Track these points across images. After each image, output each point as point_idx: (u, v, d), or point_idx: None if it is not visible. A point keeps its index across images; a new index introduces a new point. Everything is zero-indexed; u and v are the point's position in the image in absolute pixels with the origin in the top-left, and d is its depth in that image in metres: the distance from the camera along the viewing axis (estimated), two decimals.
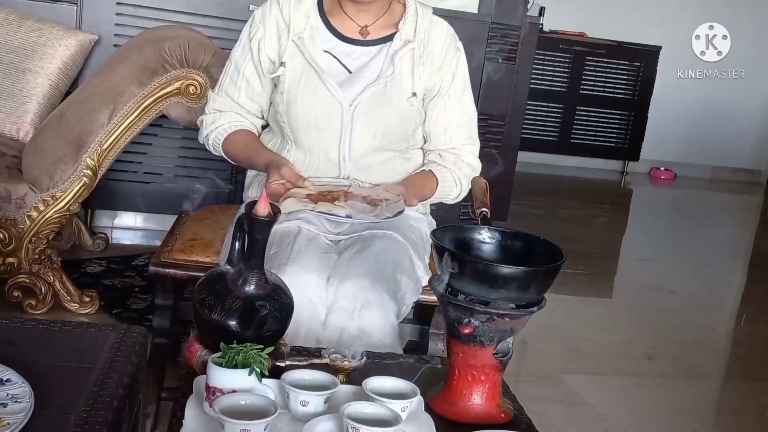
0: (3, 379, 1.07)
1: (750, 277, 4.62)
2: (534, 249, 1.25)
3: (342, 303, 1.52)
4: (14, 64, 2.65)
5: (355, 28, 1.77)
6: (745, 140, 7.35)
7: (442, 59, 1.79)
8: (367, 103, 1.72)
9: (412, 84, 1.76)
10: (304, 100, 1.73)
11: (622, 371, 2.86)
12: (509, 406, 1.23)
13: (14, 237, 2.34)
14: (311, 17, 1.76)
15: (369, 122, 1.73)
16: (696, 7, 6.50)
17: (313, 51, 1.74)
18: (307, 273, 1.53)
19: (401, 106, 1.75)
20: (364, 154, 1.75)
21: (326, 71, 1.73)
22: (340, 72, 1.75)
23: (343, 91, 1.72)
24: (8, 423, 0.97)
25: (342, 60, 1.75)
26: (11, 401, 1.02)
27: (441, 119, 1.82)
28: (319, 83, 1.72)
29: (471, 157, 1.86)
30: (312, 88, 1.72)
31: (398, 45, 1.76)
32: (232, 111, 1.81)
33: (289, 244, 1.60)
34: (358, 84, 1.74)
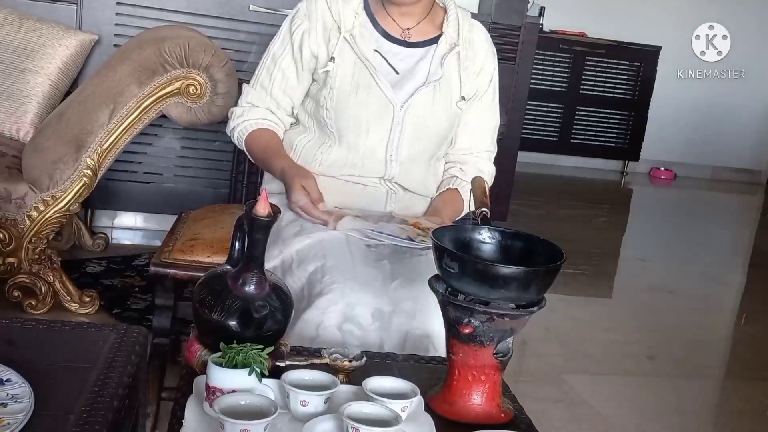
0: (3, 379, 1.06)
1: (750, 277, 4.62)
2: (534, 249, 1.25)
3: (404, 306, 1.48)
4: (14, 64, 2.65)
5: (398, 30, 1.77)
6: (745, 140, 7.36)
7: (482, 63, 1.81)
8: (418, 106, 1.73)
9: (460, 88, 1.77)
10: (357, 98, 1.72)
11: (622, 371, 2.86)
12: (509, 406, 1.23)
13: (14, 237, 2.34)
14: (359, 15, 1.76)
15: (419, 125, 1.74)
16: (696, 7, 6.51)
17: (364, 48, 1.73)
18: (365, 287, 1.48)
19: (451, 109, 1.77)
20: (411, 156, 1.76)
21: (378, 70, 1.72)
22: (388, 72, 1.75)
23: (395, 91, 1.73)
24: (8, 423, 0.97)
25: (390, 60, 1.75)
26: (11, 401, 1.02)
27: (471, 123, 1.84)
28: (371, 82, 1.72)
29: (488, 165, 1.89)
30: (365, 86, 1.72)
31: (444, 48, 1.77)
32: (263, 106, 1.81)
33: (344, 254, 1.55)
34: (409, 85, 1.74)
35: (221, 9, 3.12)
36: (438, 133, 1.79)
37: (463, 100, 1.77)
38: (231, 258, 1.22)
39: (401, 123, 1.73)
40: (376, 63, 1.73)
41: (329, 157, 1.76)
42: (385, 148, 1.74)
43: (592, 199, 6.31)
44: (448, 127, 1.79)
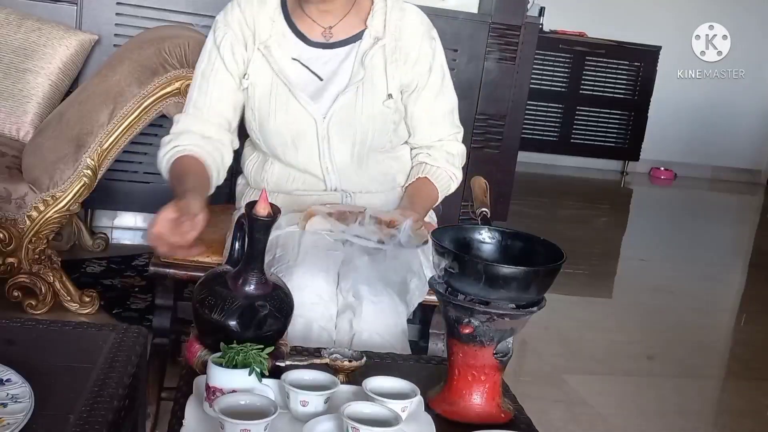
0: (3, 379, 1.06)
1: (750, 277, 4.62)
2: (534, 249, 1.25)
3: (353, 307, 1.51)
4: (14, 64, 2.65)
5: (319, 29, 1.67)
6: (745, 140, 7.36)
7: (418, 52, 1.69)
8: (341, 114, 1.64)
9: (386, 85, 1.66)
10: (277, 117, 1.65)
11: (622, 371, 2.86)
12: (509, 406, 1.23)
13: (14, 237, 2.34)
14: (276, 21, 1.65)
15: (346, 133, 1.66)
16: (696, 7, 6.50)
17: (281, 60, 1.64)
18: (317, 273, 1.52)
19: (377, 110, 1.67)
20: (348, 164, 1.70)
21: (296, 83, 1.63)
22: (310, 81, 1.65)
23: (315, 102, 1.64)
24: (8, 423, 0.97)
25: (311, 67, 1.65)
26: (11, 401, 1.02)
27: (425, 114, 1.74)
28: (290, 97, 1.63)
29: (457, 145, 1.80)
30: (283, 104, 1.64)
31: (368, 44, 1.66)
32: (196, 130, 1.64)
33: (294, 245, 1.59)
34: (329, 93, 1.65)
35: (221, 9, 3.12)
36: (372, 136, 1.68)
37: (391, 99, 1.66)
38: (231, 258, 1.23)
39: (327, 135, 1.65)
40: (294, 74, 1.64)
41: (273, 175, 1.72)
42: (319, 163, 1.68)
43: (592, 199, 6.31)
44: (381, 127, 1.69)
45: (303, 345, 1.38)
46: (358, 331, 1.50)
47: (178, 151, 1.61)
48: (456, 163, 1.80)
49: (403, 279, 1.58)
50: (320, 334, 1.48)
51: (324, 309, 1.50)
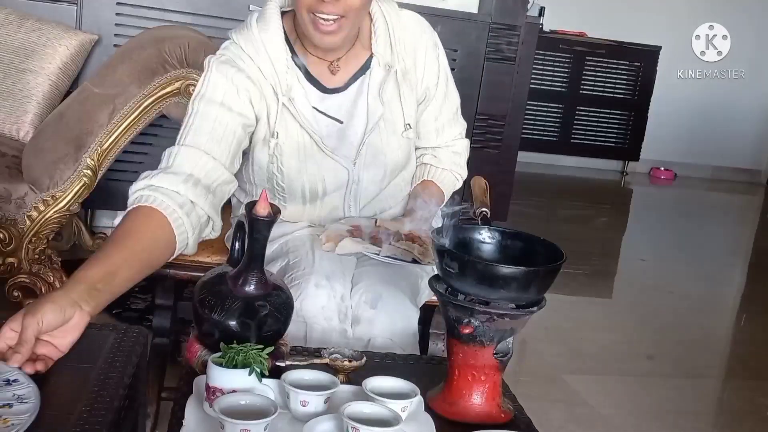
0: (10, 379, 1.06)
1: (750, 277, 4.62)
2: (534, 249, 1.25)
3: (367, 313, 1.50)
4: (14, 64, 2.65)
5: (325, 64, 1.60)
6: (745, 140, 7.36)
7: (424, 66, 1.66)
8: (369, 156, 1.62)
9: (402, 115, 1.64)
10: (308, 173, 1.60)
11: (622, 371, 2.86)
12: (509, 406, 1.23)
13: (14, 237, 2.34)
14: (291, 68, 1.55)
15: (374, 171, 1.65)
16: (696, 7, 6.51)
17: (305, 112, 1.56)
18: (334, 279, 1.51)
19: (399, 142, 1.65)
20: (372, 197, 1.69)
21: (321, 134, 1.58)
22: (330, 125, 1.60)
23: (343, 149, 1.60)
24: (12, 424, 0.96)
25: (329, 112, 1.60)
26: (17, 402, 1.01)
27: (432, 121, 1.75)
28: (320, 154, 1.58)
29: (462, 143, 1.82)
30: (315, 160, 1.58)
31: (379, 75, 1.61)
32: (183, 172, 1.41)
33: (308, 250, 1.58)
34: (353, 138, 1.61)
35: (221, 9, 3.12)
36: (394, 164, 1.67)
37: (410, 128, 1.66)
38: (231, 258, 1.23)
39: (358, 178, 1.64)
40: (317, 123, 1.58)
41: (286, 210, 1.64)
42: (343, 200, 1.67)
43: (592, 199, 6.31)
44: (405, 156, 1.69)
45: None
46: (373, 336, 1.49)
47: (142, 196, 1.38)
48: (461, 162, 1.82)
49: (414, 281, 1.59)
50: (338, 340, 1.48)
51: (342, 316, 1.50)
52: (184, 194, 1.38)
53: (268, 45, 1.54)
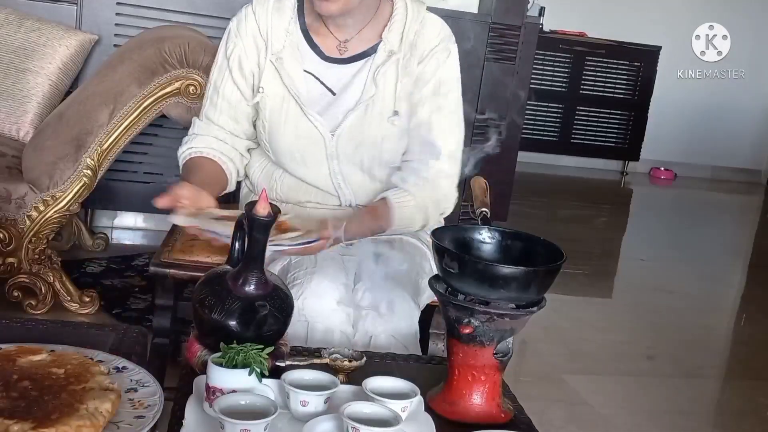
0: (119, 366, 1.14)
1: (750, 277, 4.62)
2: (534, 249, 1.25)
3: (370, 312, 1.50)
4: (14, 64, 2.65)
5: (335, 42, 1.63)
6: (745, 140, 7.36)
7: (426, 62, 1.62)
8: (349, 132, 1.61)
9: (394, 101, 1.61)
10: (286, 132, 1.62)
11: (621, 371, 2.86)
12: (509, 406, 1.23)
13: (14, 237, 2.34)
14: (291, 32, 1.62)
15: (354, 151, 1.62)
16: (696, 7, 6.51)
17: (293, 73, 1.60)
18: (336, 279, 1.52)
19: (384, 127, 1.61)
20: (360, 180, 1.66)
21: (307, 97, 1.60)
22: (322, 94, 1.62)
23: (325, 118, 1.61)
24: (149, 405, 1.06)
25: (324, 80, 1.62)
26: (139, 386, 1.10)
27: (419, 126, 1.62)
28: (299, 113, 1.61)
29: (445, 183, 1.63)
30: (293, 119, 1.61)
31: (381, 58, 1.60)
32: (209, 135, 1.67)
33: None
34: (340, 109, 1.61)
35: (221, 9, 3.12)
36: (379, 154, 1.63)
37: (396, 115, 1.60)
38: (231, 258, 1.22)
39: (336, 153, 1.62)
40: (305, 88, 1.61)
41: (284, 185, 1.69)
42: (330, 179, 1.65)
43: (592, 199, 6.31)
44: (390, 145, 1.63)
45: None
46: (375, 335, 1.49)
47: (191, 152, 1.66)
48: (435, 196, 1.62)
49: (415, 281, 1.59)
50: (341, 340, 1.48)
51: (344, 315, 1.50)
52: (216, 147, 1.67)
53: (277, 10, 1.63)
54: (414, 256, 1.65)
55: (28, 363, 1.09)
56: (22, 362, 1.09)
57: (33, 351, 1.13)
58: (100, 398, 1.01)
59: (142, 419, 1.02)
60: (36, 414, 0.96)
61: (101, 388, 1.04)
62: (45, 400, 1.00)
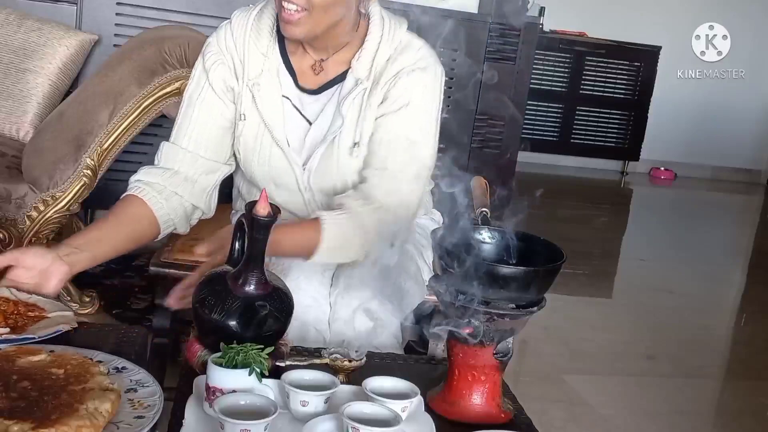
0: (119, 367, 1.15)
1: (750, 277, 4.62)
2: (534, 249, 1.25)
3: (343, 313, 1.51)
4: (14, 64, 2.65)
5: (310, 61, 1.58)
6: (745, 140, 7.35)
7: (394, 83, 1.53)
8: (319, 165, 1.56)
9: (354, 132, 1.53)
10: (260, 161, 1.59)
11: (621, 371, 2.86)
12: (509, 406, 1.23)
13: (14, 237, 2.34)
14: (269, 56, 1.56)
15: (325, 184, 1.58)
16: (696, 7, 6.51)
17: (269, 101, 1.55)
18: (312, 275, 1.52)
19: (347, 161, 1.55)
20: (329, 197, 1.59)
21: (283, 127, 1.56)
22: (298, 124, 1.58)
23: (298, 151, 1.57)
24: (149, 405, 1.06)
25: (301, 109, 1.58)
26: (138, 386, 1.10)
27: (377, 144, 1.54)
28: (273, 143, 1.57)
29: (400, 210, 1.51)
30: (267, 149, 1.58)
31: (348, 87, 1.54)
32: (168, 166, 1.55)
33: None
34: (310, 142, 1.57)
35: (221, 9, 3.12)
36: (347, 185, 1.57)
37: (357, 146, 1.53)
38: (231, 258, 1.23)
39: (308, 184, 1.59)
40: (284, 115, 1.56)
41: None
42: (305, 208, 1.61)
43: (592, 199, 6.31)
44: (355, 177, 1.56)
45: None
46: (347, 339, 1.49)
47: (133, 188, 1.52)
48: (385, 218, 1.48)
49: (397, 284, 1.58)
50: (316, 336, 1.48)
51: (319, 312, 1.51)
52: (163, 185, 1.53)
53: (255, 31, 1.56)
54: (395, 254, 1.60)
55: (27, 363, 1.09)
56: (22, 362, 1.09)
57: (32, 351, 1.13)
58: (99, 398, 1.01)
59: (142, 419, 1.02)
60: (36, 414, 0.96)
61: (101, 388, 1.04)
62: (45, 400, 1.00)
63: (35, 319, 1.28)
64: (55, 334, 1.23)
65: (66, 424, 0.95)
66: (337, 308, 1.52)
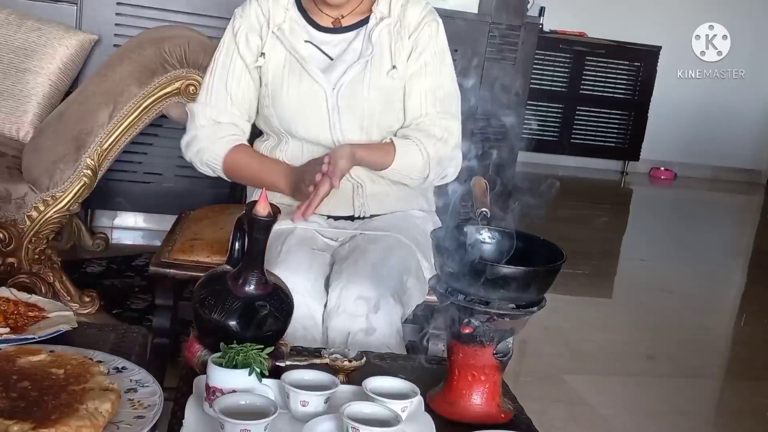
0: (119, 367, 1.15)
1: (750, 277, 4.61)
2: (534, 249, 1.25)
3: (347, 307, 1.51)
4: (14, 64, 2.65)
5: (329, 19, 1.77)
6: (745, 140, 7.35)
7: (419, 30, 1.75)
8: (350, 85, 1.71)
9: (391, 58, 1.73)
10: (290, 90, 1.72)
11: (621, 371, 2.86)
12: (509, 406, 1.23)
13: (14, 237, 2.34)
14: (290, 10, 1.76)
15: (354, 103, 1.71)
16: (696, 7, 6.50)
17: (294, 41, 1.74)
18: (297, 271, 1.53)
19: (382, 81, 1.72)
20: (358, 137, 1.73)
21: (308, 59, 1.72)
22: (321, 60, 1.74)
23: (326, 75, 1.71)
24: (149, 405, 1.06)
25: (323, 48, 1.75)
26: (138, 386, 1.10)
27: (414, 88, 1.75)
28: (302, 71, 1.72)
29: (442, 130, 1.74)
30: (296, 77, 1.72)
31: (373, 23, 1.74)
32: (227, 121, 1.75)
33: (279, 243, 1.60)
34: (340, 67, 1.72)
35: (221, 9, 3.12)
36: (379, 109, 1.73)
37: (395, 69, 1.72)
38: (231, 258, 1.23)
39: (337, 106, 1.71)
40: (307, 53, 1.73)
41: (287, 155, 1.76)
42: (330, 134, 1.72)
43: (592, 199, 6.31)
44: (386, 102, 1.73)
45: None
46: (353, 332, 1.49)
47: (225, 144, 1.73)
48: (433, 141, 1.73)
49: (399, 279, 1.59)
50: (304, 335, 1.48)
51: (306, 309, 1.50)
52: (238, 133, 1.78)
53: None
54: (396, 251, 1.63)
55: (27, 363, 1.09)
56: (22, 363, 1.09)
57: (32, 351, 1.13)
58: (99, 398, 1.01)
59: (142, 419, 1.02)
60: (36, 414, 0.96)
61: (101, 388, 1.04)
62: (45, 400, 1.00)
63: (35, 319, 1.28)
64: (55, 334, 1.23)
65: (66, 424, 0.95)
66: (341, 302, 1.52)
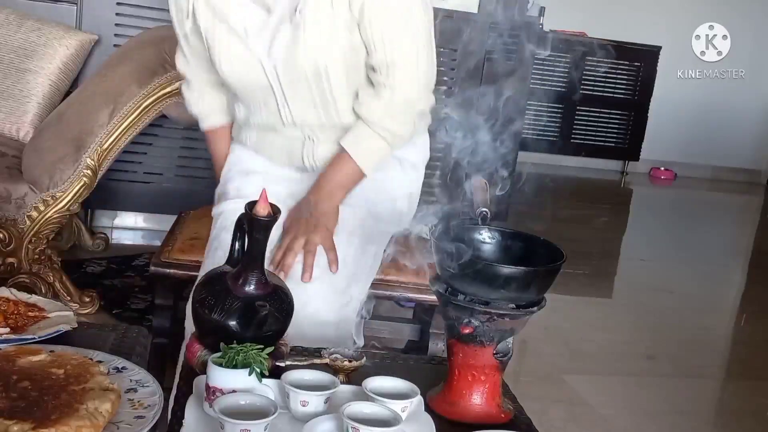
0: (119, 367, 1.14)
1: (750, 277, 4.61)
2: (534, 249, 1.25)
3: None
4: (14, 64, 2.66)
5: None
6: (745, 140, 7.35)
7: None
8: (287, 50, 1.45)
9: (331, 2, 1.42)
10: (221, 59, 1.50)
11: (621, 371, 2.86)
12: (509, 406, 1.23)
13: (14, 237, 2.34)
14: None
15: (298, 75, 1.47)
16: (696, 7, 6.50)
17: None
18: None
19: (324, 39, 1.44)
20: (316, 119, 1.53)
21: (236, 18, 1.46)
22: (254, 13, 1.46)
23: (259, 38, 1.46)
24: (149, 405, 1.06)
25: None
26: (138, 386, 1.10)
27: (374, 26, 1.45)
28: (231, 36, 1.47)
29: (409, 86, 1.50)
30: (225, 42, 1.49)
31: None
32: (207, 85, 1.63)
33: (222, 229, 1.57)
34: (271, 27, 1.45)
35: None
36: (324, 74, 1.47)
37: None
38: (231, 258, 1.22)
39: (276, 75, 1.48)
40: (237, 6, 1.46)
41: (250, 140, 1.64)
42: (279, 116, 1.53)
43: (592, 199, 6.31)
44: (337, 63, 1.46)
45: None
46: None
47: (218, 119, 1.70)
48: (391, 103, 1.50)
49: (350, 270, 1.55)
50: None
51: None
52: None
53: None
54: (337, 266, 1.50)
55: (27, 363, 1.09)
56: (22, 362, 1.09)
57: (32, 351, 1.13)
58: (99, 398, 1.01)
59: (142, 419, 1.02)
60: (36, 414, 0.96)
61: (101, 388, 1.04)
62: (45, 400, 1.00)
63: (35, 319, 1.28)
64: (55, 334, 1.22)
65: (66, 424, 0.95)
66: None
